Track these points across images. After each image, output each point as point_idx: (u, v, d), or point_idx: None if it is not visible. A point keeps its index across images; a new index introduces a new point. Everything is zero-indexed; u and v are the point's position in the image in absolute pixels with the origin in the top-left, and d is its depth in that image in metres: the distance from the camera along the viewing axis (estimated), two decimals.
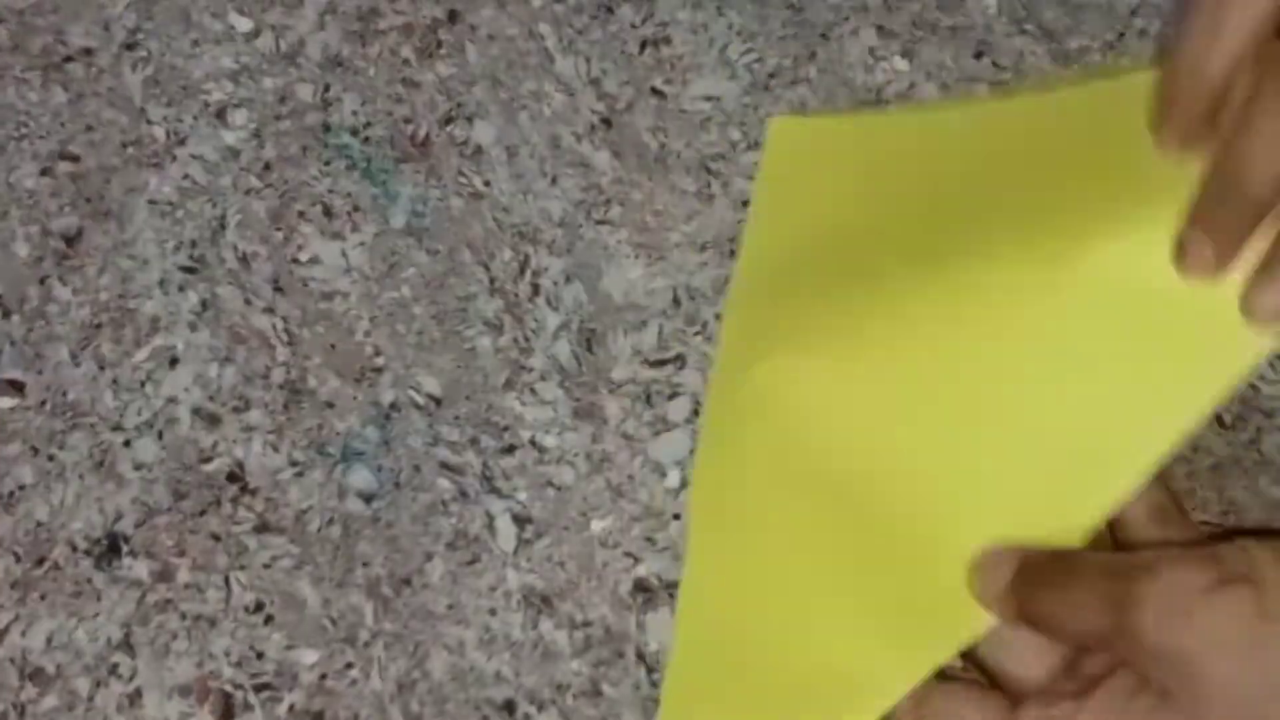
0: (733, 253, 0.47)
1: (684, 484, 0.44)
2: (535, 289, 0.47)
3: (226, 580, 0.43)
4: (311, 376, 0.46)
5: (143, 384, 0.46)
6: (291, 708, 0.41)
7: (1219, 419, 0.45)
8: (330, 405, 0.45)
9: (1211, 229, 0.33)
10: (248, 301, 0.47)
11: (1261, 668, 0.31)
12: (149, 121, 0.50)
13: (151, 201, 0.49)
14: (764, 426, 0.36)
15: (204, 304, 0.47)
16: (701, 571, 0.39)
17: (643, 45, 0.52)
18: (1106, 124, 0.33)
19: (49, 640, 0.42)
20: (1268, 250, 0.33)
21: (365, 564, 0.43)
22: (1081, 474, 0.31)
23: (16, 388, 0.46)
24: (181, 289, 0.47)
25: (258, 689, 0.41)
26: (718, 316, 0.46)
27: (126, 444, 0.45)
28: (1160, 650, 0.32)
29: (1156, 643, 0.32)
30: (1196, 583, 0.32)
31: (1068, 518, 0.32)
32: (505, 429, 0.45)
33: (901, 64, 0.51)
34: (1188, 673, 0.31)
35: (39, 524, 0.44)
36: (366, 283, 0.47)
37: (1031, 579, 0.34)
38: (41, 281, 0.47)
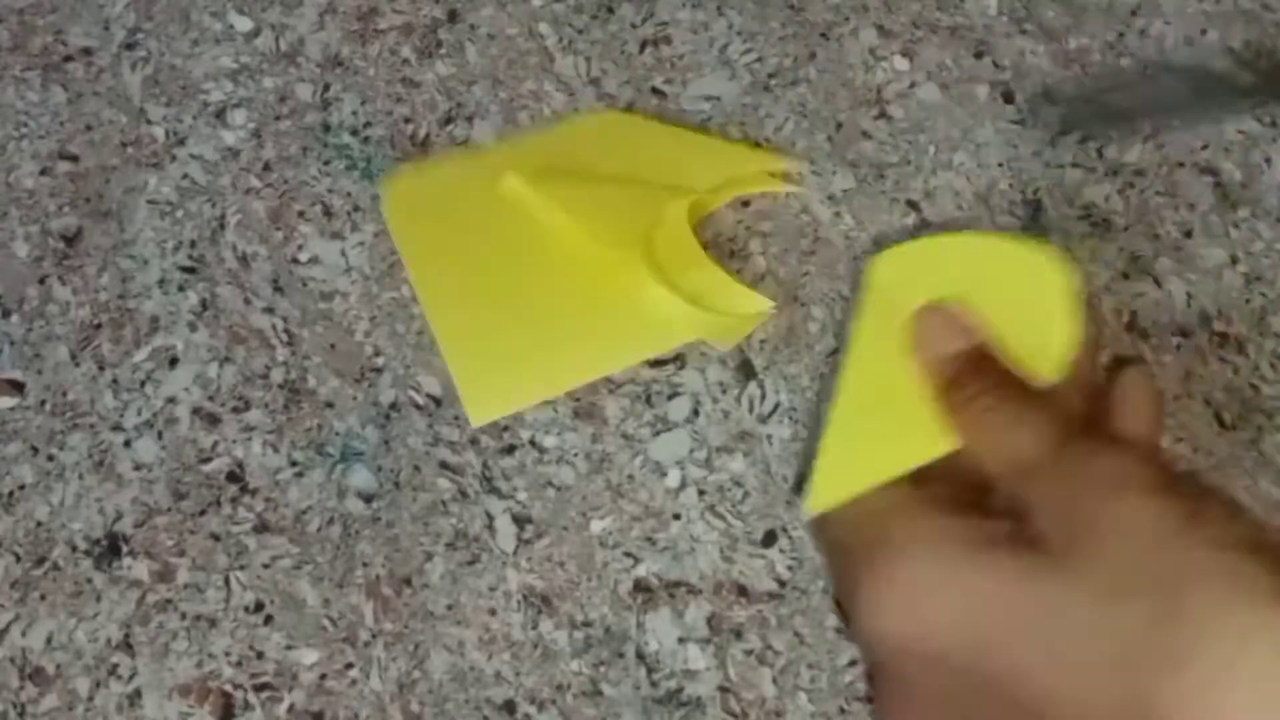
0: (733, 253, 0.47)
1: (684, 484, 0.44)
2: None
3: (226, 580, 0.43)
4: (311, 376, 0.46)
5: (142, 384, 0.46)
6: (291, 708, 0.41)
7: (1219, 419, 0.45)
8: (330, 405, 0.45)
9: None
10: (247, 301, 0.47)
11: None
12: (148, 121, 0.50)
13: (151, 201, 0.49)
14: None
15: (204, 304, 0.47)
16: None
17: (643, 45, 0.52)
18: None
19: (49, 640, 0.42)
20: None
21: (365, 564, 0.43)
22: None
23: (16, 387, 0.46)
24: (181, 289, 0.47)
25: (258, 689, 0.41)
26: None
27: (126, 444, 0.45)
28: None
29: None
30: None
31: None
32: (505, 429, 0.45)
33: (901, 64, 0.51)
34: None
35: (39, 524, 0.44)
36: (366, 283, 0.47)
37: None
38: (41, 281, 0.47)
